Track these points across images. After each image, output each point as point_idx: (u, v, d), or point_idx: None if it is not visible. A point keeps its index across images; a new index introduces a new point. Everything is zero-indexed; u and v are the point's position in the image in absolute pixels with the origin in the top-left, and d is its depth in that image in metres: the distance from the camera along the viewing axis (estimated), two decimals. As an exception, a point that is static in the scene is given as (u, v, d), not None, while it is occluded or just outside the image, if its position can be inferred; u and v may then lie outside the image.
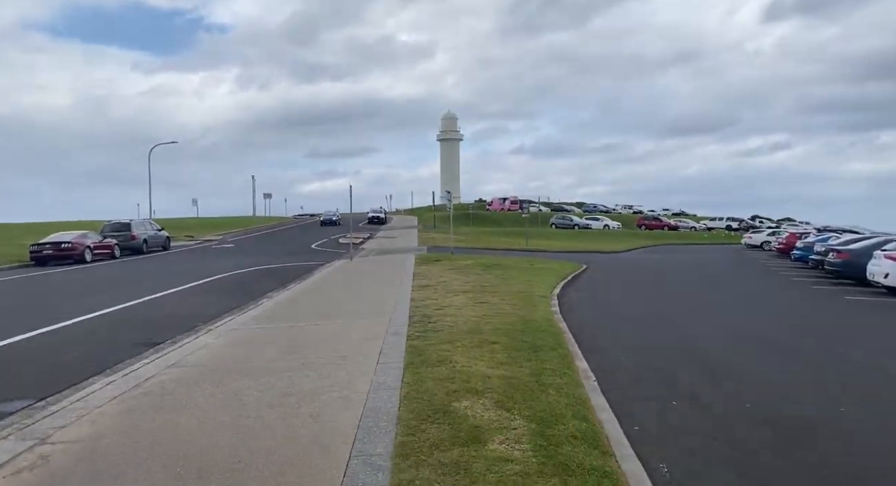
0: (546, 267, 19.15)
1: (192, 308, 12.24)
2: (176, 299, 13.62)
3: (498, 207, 78.86)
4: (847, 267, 16.70)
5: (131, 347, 8.58)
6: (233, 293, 14.48)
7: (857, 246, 18.14)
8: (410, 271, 17.71)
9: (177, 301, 13.35)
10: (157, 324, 10.49)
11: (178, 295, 14.32)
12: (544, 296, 12.35)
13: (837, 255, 17.49)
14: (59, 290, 16.09)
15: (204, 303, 12.93)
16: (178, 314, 11.55)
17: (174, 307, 12.43)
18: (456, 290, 12.94)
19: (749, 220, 72.63)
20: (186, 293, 14.63)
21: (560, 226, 54.07)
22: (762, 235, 39.62)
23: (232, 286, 15.97)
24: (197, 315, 11.35)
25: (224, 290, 15.22)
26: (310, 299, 12.63)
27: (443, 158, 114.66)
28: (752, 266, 25.34)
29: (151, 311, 11.99)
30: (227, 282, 17.02)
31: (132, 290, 15.26)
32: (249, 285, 16.32)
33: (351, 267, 20.26)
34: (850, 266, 16.52)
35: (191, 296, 14.12)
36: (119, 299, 13.42)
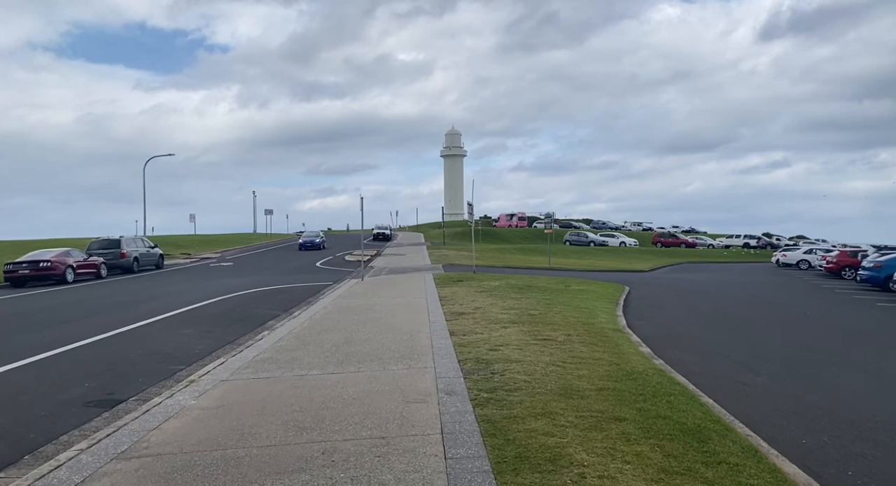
0: (586, 290, 16.75)
1: (176, 344, 9.85)
2: (160, 331, 11.23)
3: (505, 224, 76.65)
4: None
5: (79, 409, 6.19)
6: (227, 323, 12.08)
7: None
8: (434, 293, 15.32)
9: (160, 333, 10.96)
10: (128, 368, 8.10)
11: (164, 325, 11.92)
12: (615, 328, 9.94)
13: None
14: (24, 318, 13.69)
15: (192, 337, 10.54)
16: (158, 353, 9.16)
17: (155, 343, 10.04)
18: (500, 320, 10.54)
19: (765, 237, 70.34)
20: (174, 322, 12.24)
21: (574, 243, 51.70)
22: (797, 253, 37.25)
23: (227, 313, 13.57)
24: (180, 355, 8.95)
25: (217, 318, 12.83)
26: (320, 331, 10.24)
27: (447, 174, 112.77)
28: (812, 289, 22.89)
29: (127, 347, 9.60)
30: (221, 307, 14.63)
31: (111, 317, 12.87)
32: (247, 310, 13.92)
33: (362, 289, 17.87)
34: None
35: (178, 326, 11.73)
36: (91, 331, 11.04)
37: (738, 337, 11.17)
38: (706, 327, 12.42)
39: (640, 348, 8.46)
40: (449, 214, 70.11)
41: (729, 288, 22.41)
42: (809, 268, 34.76)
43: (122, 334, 10.81)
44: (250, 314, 13.32)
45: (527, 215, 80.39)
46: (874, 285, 20.03)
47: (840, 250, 27.44)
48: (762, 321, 13.67)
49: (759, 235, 68.91)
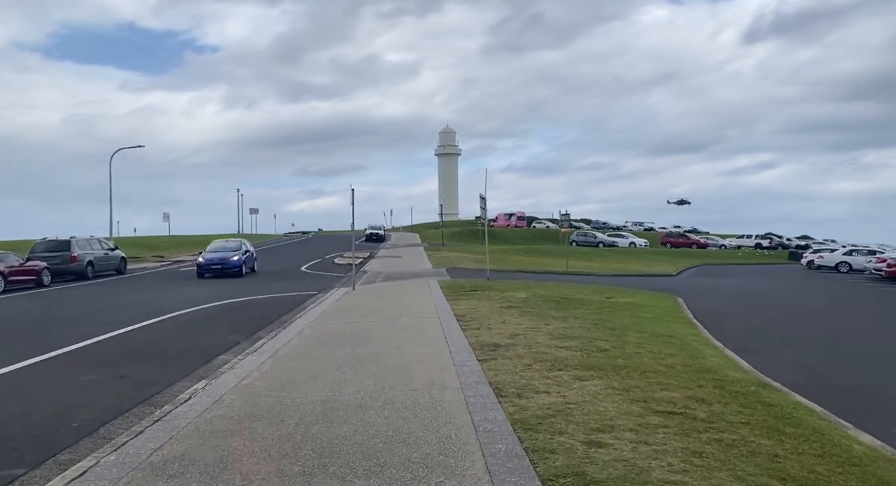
0: (637, 303, 13.18)
1: (53, 407, 6.14)
2: (49, 376, 7.53)
3: (504, 224, 73.03)
4: None
5: None
6: (158, 361, 8.40)
7: None
8: (447, 309, 11.67)
9: (44, 382, 7.25)
10: None
11: (64, 363, 8.23)
12: (748, 379, 6.31)
13: None
14: None
15: (89, 390, 6.87)
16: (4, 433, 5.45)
17: (19, 403, 6.33)
18: (561, 360, 6.90)
19: (775, 236, 67.22)
20: (83, 358, 8.55)
21: (582, 243, 48.20)
22: (836, 254, 33.89)
23: (166, 341, 9.89)
24: (42, 438, 5.25)
25: (148, 351, 9.13)
26: (284, 384, 6.58)
27: (441, 173, 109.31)
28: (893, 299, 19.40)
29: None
30: (164, 331, 10.92)
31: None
32: (196, 337, 10.23)
33: (354, 302, 14.18)
34: None
35: (84, 366, 8.04)
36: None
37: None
38: (864, 366, 8.85)
39: (850, 430, 4.85)
40: (445, 214, 66.41)
41: (796, 297, 18.95)
42: (851, 271, 31.43)
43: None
44: (197, 345, 9.63)
45: (526, 215, 76.90)
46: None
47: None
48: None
49: (770, 236, 65.82)
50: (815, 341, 10.38)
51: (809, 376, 7.27)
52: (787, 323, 12.89)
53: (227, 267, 22.82)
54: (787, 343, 9.85)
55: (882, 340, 10.66)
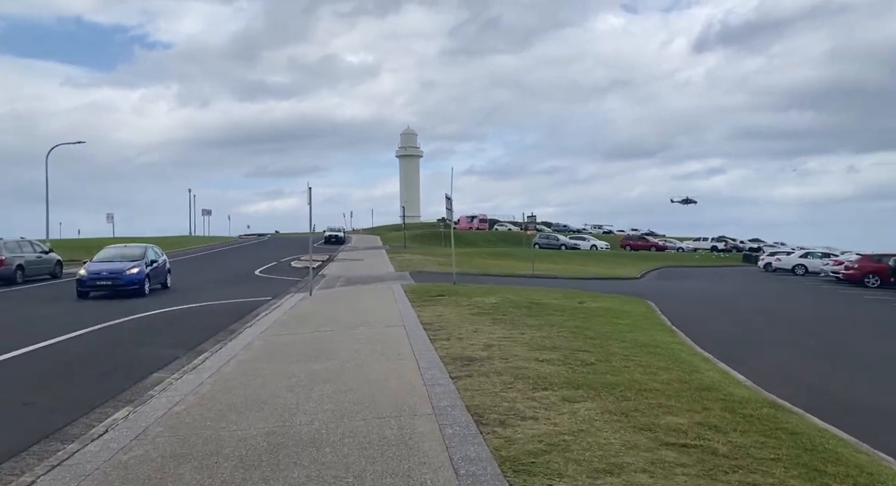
0: (611, 308, 12.61)
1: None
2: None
3: (466, 226, 72.47)
4: None
5: None
6: (79, 380, 7.29)
7: None
8: (413, 316, 10.79)
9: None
10: None
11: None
12: (753, 398, 5.66)
13: None
14: None
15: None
16: None
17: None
18: (544, 376, 6.14)
19: (730, 240, 68.87)
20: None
21: (545, 246, 48.02)
22: (793, 257, 34.52)
23: (98, 355, 8.71)
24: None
25: (71, 368, 7.98)
26: (231, 409, 5.60)
27: (402, 175, 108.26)
28: (866, 304, 19.50)
29: None
30: (98, 342, 9.69)
31: None
32: (130, 351, 9.06)
33: (310, 309, 13.15)
34: None
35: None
36: None
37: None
38: (861, 378, 8.39)
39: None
40: (407, 216, 65.40)
41: (764, 300, 18.85)
42: (807, 273, 32.04)
43: None
44: (130, 360, 8.48)
45: (488, 217, 76.64)
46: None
47: (862, 256, 24.56)
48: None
49: (724, 238, 67.33)
50: (800, 347, 9.96)
51: (812, 390, 6.72)
52: (764, 328, 12.54)
53: (120, 284, 16.27)
54: (773, 351, 9.38)
55: (867, 346, 10.33)
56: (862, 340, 10.72)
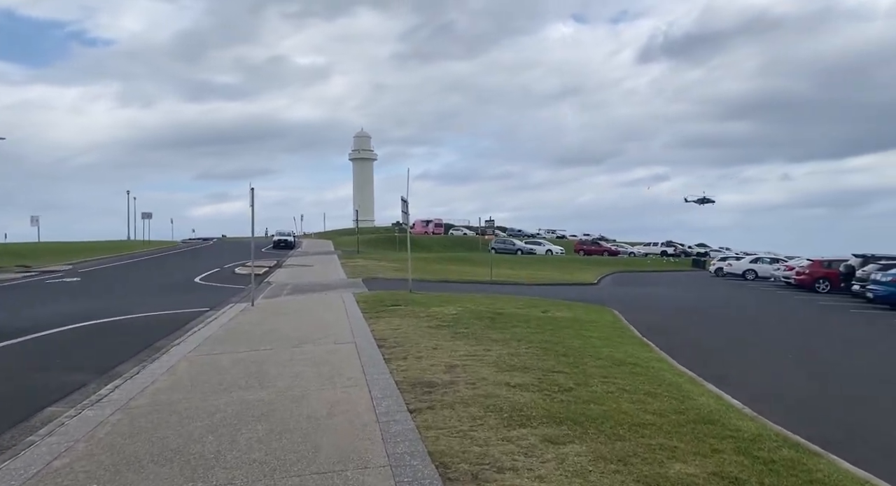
0: (577, 319, 11.89)
1: None
2: None
3: (421, 231, 71.49)
4: None
5: None
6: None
7: None
8: (365, 332, 9.72)
9: None
10: None
11: None
12: (778, 440, 4.88)
13: None
14: None
15: None
16: None
17: None
18: (519, 409, 5.23)
19: (679, 245, 70.42)
20: None
21: (501, 251, 47.53)
22: (743, 262, 35.04)
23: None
24: None
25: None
26: (130, 465, 4.44)
27: (356, 178, 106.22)
28: (822, 310, 19.50)
29: None
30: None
31: None
32: (33, 373, 7.70)
33: (251, 322, 11.88)
34: None
35: None
36: None
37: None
38: (858, 398, 7.82)
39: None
40: (360, 220, 63.83)
41: (725, 307, 18.62)
42: (757, 278, 32.54)
43: None
44: (25, 388, 7.12)
45: (443, 222, 75.89)
46: (891, 303, 16.84)
47: (813, 261, 24.93)
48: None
49: (672, 243, 68.76)
50: (778, 361, 9.43)
51: (815, 416, 6.06)
52: (735, 338, 12.08)
53: None
54: (754, 366, 8.80)
55: (845, 360, 9.91)
56: (836, 352, 10.33)
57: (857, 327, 13.96)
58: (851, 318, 15.64)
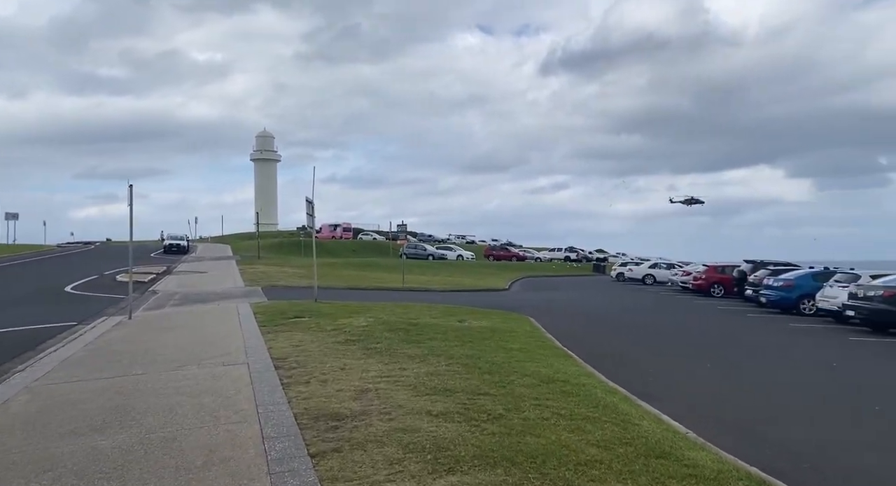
0: (496, 328, 11.28)
1: None
2: None
3: (328, 235, 69.25)
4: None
5: None
6: None
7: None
8: (261, 350, 8.48)
9: None
10: None
11: None
12: (740, 477, 4.33)
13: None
14: None
15: None
16: None
17: None
18: (447, 447, 4.38)
19: (581, 250, 73.13)
20: None
21: (412, 256, 46.65)
22: (642, 267, 36.56)
23: None
24: None
25: None
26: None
27: (258, 179, 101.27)
28: (721, 315, 20.25)
29: None
30: None
31: None
32: None
33: (124, 339, 10.19)
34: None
35: None
36: None
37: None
38: (793, 413, 7.61)
39: None
40: (262, 224, 60.58)
41: (632, 313, 18.87)
42: (656, 283, 34.02)
43: None
44: None
45: (353, 226, 74.01)
46: (783, 308, 17.77)
47: (708, 266, 26.23)
48: (789, 376, 9.41)
49: (574, 249, 71.27)
50: (702, 371, 9.27)
51: (756, 441, 5.68)
52: (651, 347, 11.98)
53: None
54: (680, 379, 8.54)
55: (763, 370, 9.94)
56: (751, 359, 10.43)
57: (762, 332, 14.48)
58: (751, 322, 16.31)
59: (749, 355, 11.01)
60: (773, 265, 21.53)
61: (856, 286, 14.52)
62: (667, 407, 6.27)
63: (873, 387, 8.38)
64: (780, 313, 17.88)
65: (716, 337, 13.49)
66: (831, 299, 15.76)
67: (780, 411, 6.84)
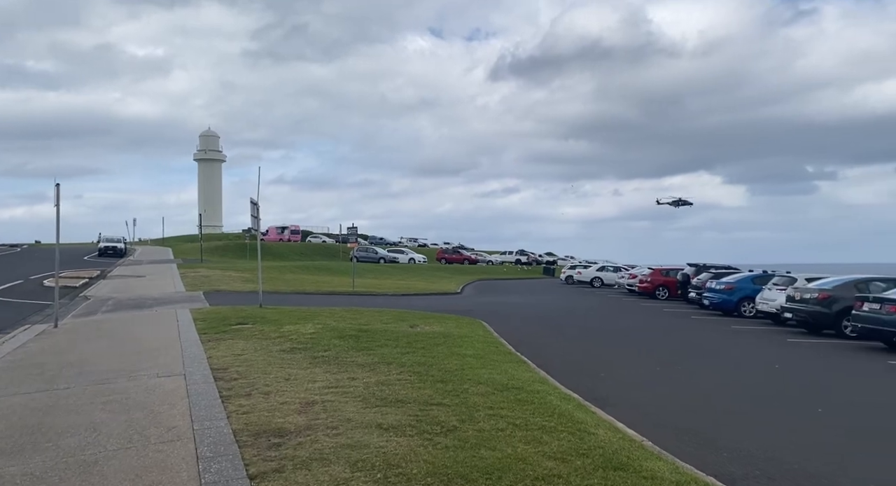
0: (449, 334, 11.09)
1: None
2: None
3: (275, 238, 67.53)
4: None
5: None
6: None
7: (834, 285, 14.17)
8: (200, 360, 7.97)
9: None
10: None
11: None
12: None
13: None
14: None
15: None
16: None
17: None
18: (398, 465, 4.12)
19: (531, 253, 74.09)
20: None
21: (363, 259, 46.06)
22: (590, 270, 37.21)
23: None
24: None
25: None
26: None
27: (201, 180, 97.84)
28: (666, 317, 20.69)
29: None
30: None
31: None
32: None
33: (47, 350, 9.43)
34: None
35: None
36: None
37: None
38: (745, 420, 7.66)
39: None
40: (206, 226, 58.42)
41: (583, 317, 19.06)
42: (603, 285, 34.69)
43: None
44: None
45: (300, 229, 72.44)
46: (725, 310, 18.33)
47: (653, 270, 26.87)
48: (750, 382, 9.58)
49: (524, 252, 72.17)
50: (652, 375, 9.33)
51: (709, 446, 5.64)
52: (602, 349, 12.05)
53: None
54: (629, 383, 8.55)
55: (711, 372, 10.10)
56: (699, 363, 10.60)
57: (707, 334, 14.83)
58: (696, 324, 16.75)
59: (696, 357, 11.22)
60: (715, 268, 22.26)
61: (793, 289, 15.11)
62: (621, 413, 6.22)
63: (813, 388, 8.63)
64: (722, 315, 18.45)
65: (663, 340, 13.73)
66: (770, 301, 16.36)
67: (729, 414, 6.92)
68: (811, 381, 9.18)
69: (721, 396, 7.92)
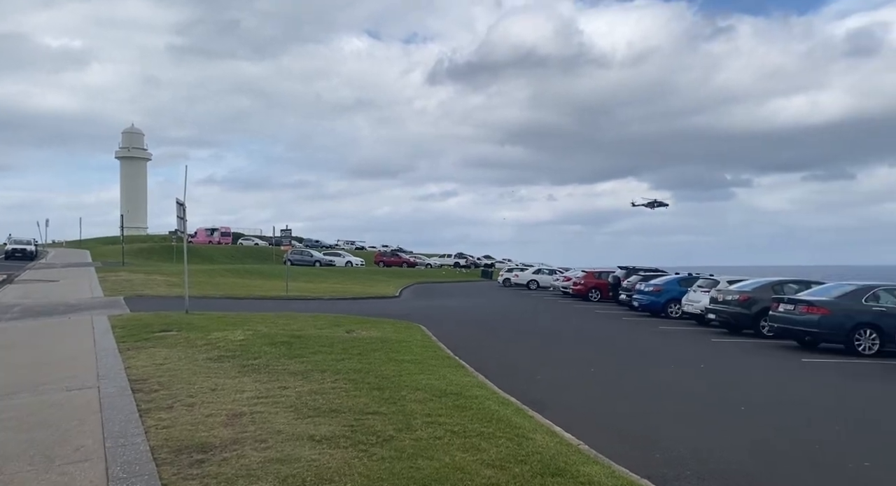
0: (386, 339, 10.90)
1: None
2: None
3: (205, 240, 64.76)
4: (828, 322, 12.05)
5: None
6: None
7: (753, 287, 14.98)
8: (117, 370, 7.41)
9: None
10: None
11: None
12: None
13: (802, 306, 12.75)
14: None
15: None
16: None
17: None
18: (331, 478, 3.92)
19: (469, 256, 74.66)
20: None
21: (298, 263, 44.87)
22: (527, 273, 37.82)
23: None
24: None
25: None
26: None
27: (124, 179, 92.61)
28: (598, 319, 21.20)
29: None
30: None
31: None
32: None
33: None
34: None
35: None
36: None
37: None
38: (691, 422, 7.81)
39: None
40: (130, 227, 55.25)
41: (519, 319, 19.26)
42: (539, 288, 35.35)
43: None
44: None
45: (231, 231, 69.83)
46: (653, 311, 19.01)
47: (586, 272, 27.59)
48: (676, 380, 9.86)
49: (463, 255, 72.67)
50: (587, 376, 9.49)
51: (642, 447, 5.74)
52: (538, 351, 12.18)
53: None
54: (564, 385, 8.64)
55: (644, 372, 10.37)
56: (629, 364, 10.88)
57: (636, 335, 15.29)
58: (626, 326, 17.29)
59: (627, 358, 11.54)
60: (644, 271, 23.12)
61: (716, 291, 15.87)
62: (557, 416, 6.24)
63: (736, 386, 9.03)
64: (651, 316, 19.15)
65: (596, 342, 14.07)
66: (695, 303, 17.12)
67: (659, 414, 7.10)
68: (734, 380, 9.61)
69: (653, 396, 8.14)
